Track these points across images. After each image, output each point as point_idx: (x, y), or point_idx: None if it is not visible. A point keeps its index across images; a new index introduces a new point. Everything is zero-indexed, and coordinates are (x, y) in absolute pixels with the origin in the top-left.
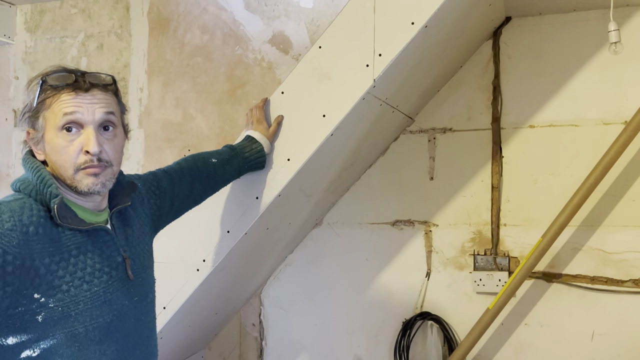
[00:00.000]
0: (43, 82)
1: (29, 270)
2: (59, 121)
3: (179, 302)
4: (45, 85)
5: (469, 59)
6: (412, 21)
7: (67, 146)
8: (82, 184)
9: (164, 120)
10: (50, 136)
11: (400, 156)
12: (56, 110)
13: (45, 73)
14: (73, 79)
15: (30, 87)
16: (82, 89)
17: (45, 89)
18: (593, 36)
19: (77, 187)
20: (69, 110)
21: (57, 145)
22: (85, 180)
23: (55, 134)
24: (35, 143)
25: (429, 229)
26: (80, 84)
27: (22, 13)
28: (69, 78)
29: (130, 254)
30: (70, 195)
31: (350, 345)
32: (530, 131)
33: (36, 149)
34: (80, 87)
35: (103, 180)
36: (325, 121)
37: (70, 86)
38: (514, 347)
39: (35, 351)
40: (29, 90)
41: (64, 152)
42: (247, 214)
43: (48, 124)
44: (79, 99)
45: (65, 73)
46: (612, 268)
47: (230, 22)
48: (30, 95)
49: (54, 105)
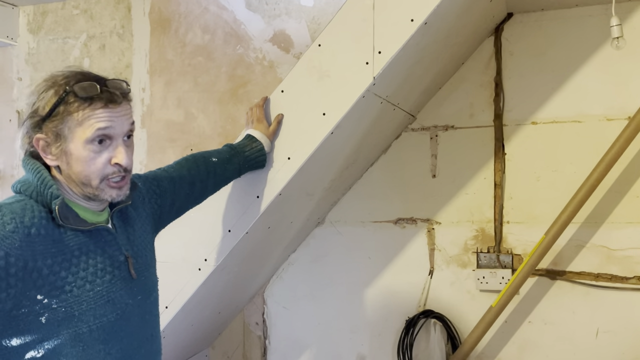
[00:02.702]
0: (68, 92)
1: (32, 272)
2: (91, 135)
3: (181, 301)
4: (70, 96)
5: (471, 56)
6: (411, 18)
7: (95, 158)
8: (105, 194)
9: (166, 120)
10: (76, 147)
11: (402, 154)
12: (87, 124)
13: (66, 81)
14: (99, 90)
15: (48, 89)
16: (114, 102)
17: (70, 100)
18: (596, 32)
19: (99, 196)
20: (102, 125)
21: (85, 156)
22: (110, 192)
23: (84, 146)
24: (46, 150)
25: (432, 226)
26: (111, 97)
27: (25, 14)
28: (95, 89)
29: (132, 253)
30: (73, 197)
31: (353, 344)
32: (533, 128)
33: (46, 155)
34: (111, 100)
35: (125, 190)
36: (326, 119)
37: (100, 99)
38: (517, 344)
39: (39, 352)
40: (43, 92)
41: (92, 163)
42: (248, 213)
43: (75, 135)
44: (110, 113)
45: (91, 82)
46: (616, 265)
47: (231, 21)
48: (46, 98)
49: (85, 118)
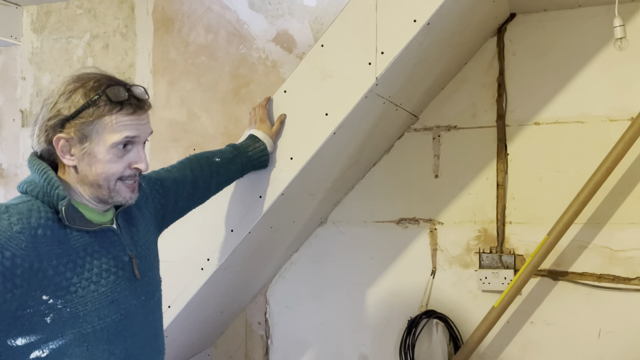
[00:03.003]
0: (100, 96)
1: (37, 273)
2: (119, 140)
3: (183, 300)
4: (102, 100)
5: (473, 56)
6: (414, 19)
7: (117, 161)
8: (119, 196)
9: (169, 120)
10: (101, 151)
11: (405, 154)
12: (116, 129)
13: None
14: (126, 95)
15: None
16: (142, 109)
17: (101, 104)
18: (599, 32)
19: (113, 197)
20: (131, 134)
21: (108, 159)
22: (124, 194)
23: (108, 150)
24: (66, 150)
25: (434, 227)
26: (140, 104)
27: (29, 14)
28: (124, 94)
29: (136, 254)
30: (79, 198)
31: (355, 344)
32: (536, 128)
33: (64, 155)
34: (139, 106)
35: (137, 193)
36: (328, 120)
37: (130, 105)
38: (519, 345)
39: (44, 352)
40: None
41: (114, 166)
42: (251, 213)
43: (102, 139)
44: (138, 120)
45: (120, 87)
46: (619, 266)
47: (234, 21)
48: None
49: (115, 124)
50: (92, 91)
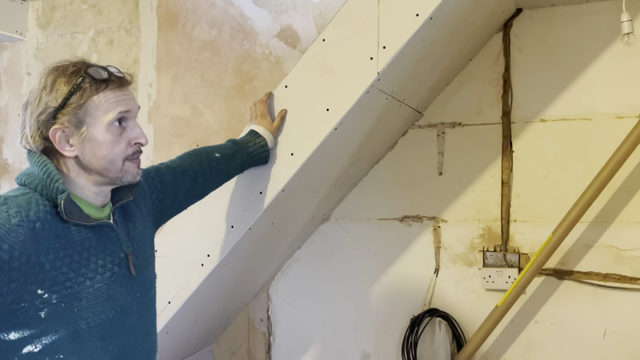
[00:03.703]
0: (83, 77)
1: (34, 266)
2: (113, 117)
3: (183, 296)
4: (85, 81)
5: (479, 52)
6: (416, 13)
7: (117, 140)
8: (129, 174)
9: (173, 116)
10: (99, 132)
11: (409, 151)
12: (108, 107)
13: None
14: (107, 74)
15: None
16: (125, 84)
17: (86, 86)
18: (606, 27)
19: (123, 177)
20: (123, 108)
21: (109, 140)
22: (133, 170)
23: (106, 129)
24: (64, 140)
25: (438, 224)
26: (121, 80)
27: (34, 9)
28: (105, 72)
29: (132, 250)
30: (79, 191)
31: (358, 342)
32: (542, 125)
33: (63, 146)
34: (122, 82)
35: (140, 170)
36: (329, 115)
37: (113, 82)
38: (523, 345)
39: (37, 347)
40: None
41: (116, 145)
42: (251, 209)
43: (97, 120)
44: (125, 95)
45: (99, 67)
46: (625, 265)
47: (238, 16)
48: (57, 90)
49: (105, 103)
50: (74, 76)
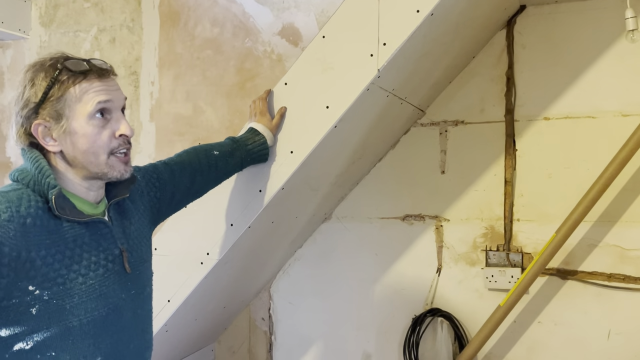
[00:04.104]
0: (60, 70)
1: (25, 262)
2: (92, 109)
3: (183, 295)
4: (63, 73)
5: (482, 50)
6: (417, 9)
7: (100, 132)
8: (114, 170)
9: (175, 114)
10: (80, 125)
11: (411, 149)
12: (87, 98)
13: (54, 61)
14: (87, 66)
15: (36, 75)
16: (105, 74)
17: (63, 78)
18: (611, 24)
19: (107, 173)
20: (103, 98)
21: (90, 132)
22: (118, 167)
23: (86, 122)
24: (47, 135)
25: (440, 223)
26: (102, 71)
27: (37, 8)
28: (84, 64)
29: (127, 247)
30: (72, 187)
31: (359, 341)
32: (545, 123)
33: (46, 141)
34: (102, 73)
35: (130, 167)
36: (329, 113)
37: (92, 72)
38: (526, 345)
39: (28, 344)
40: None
41: (98, 138)
42: (251, 207)
43: (77, 112)
44: (106, 86)
45: (79, 59)
46: (629, 265)
47: (240, 14)
48: (37, 84)
49: (83, 94)
50: (51, 69)
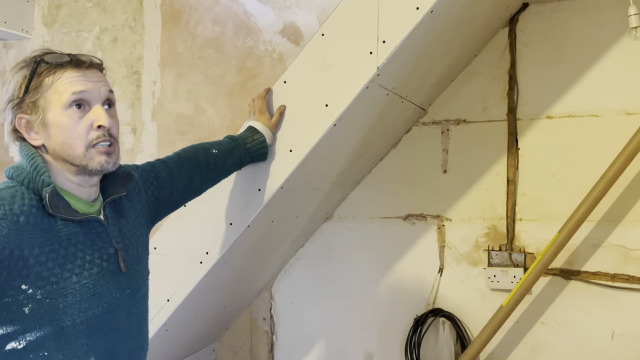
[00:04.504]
0: (38, 62)
1: (18, 261)
2: (67, 99)
3: (182, 294)
4: (42, 65)
5: (484, 48)
6: (417, 6)
7: (75, 123)
8: (94, 162)
9: (176, 113)
10: (55, 116)
11: (413, 149)
12: (62, 88)
13: (34, 56)
14: (68, 59)
15: (19, 70)
16: (84, 66)
17: (41, 71)
18: (614, 22)
19: (87, 165)
20: (78, 88)
21: (65, 123)
22: (98, 158)
23: (62, 112)
24: (29, 128)
25: (442, 223)
26: (80, 62)
27: (40, 7)
28: (64, 57)
29: (123, 246)
30: (66, 184)
31: (360, 341)
32: (548, 122)
33: (30, 135)
34: (79, 64)
35: (115, 159)
36: (328, 111)
37: (70, 64)
38: (529, 346)
39: (20, 343)
40: (16, 74)
41: (74, 129)
42: (250, 206)
43: (52, 103)
44: (83, 77)
45: (60, 53)
46: (633, 265)
47: (241, 13)
48: (19, 80)
49: (57, 83)
50: (32, 63)
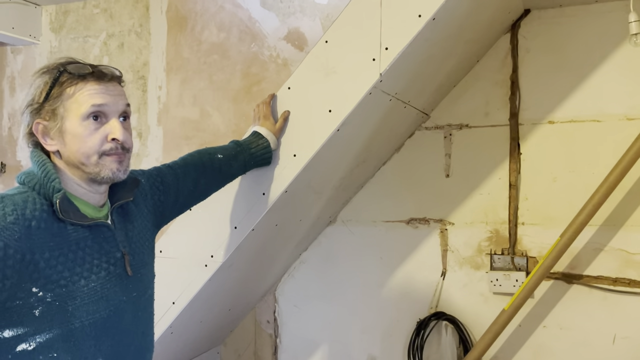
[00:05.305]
0: (62, 71)
1: (29, 264)
2: (86, 110)
3: (188, 297)
4: (64, 75)
5: (486, 53)
6: (419, 14)
7: (91, 134)
8: (106, 169)
9: (182, 118)
10: (72, 125)
11: (416, 153)
12: (82, 99)
13: (58, 64)
14: (90, 70)
15: (42, 77)
16: (105, 79)
17: (63, 80)
18: (616, 28)
19: (100, 172)
20: (97, 101)
21: (81, 133)
22: (111, 165)
23: (79, 122)
24: (45, 134)
25: (445, 227)
26: (103, 75)
27: (47, 14)
28: (87, 68)
29: (129, 250)
30: (75, 189)
31: (364, 345)
32: (550, 127)
33: (45, 140)
34: (102, 77)
35: (125, 166)
36: (331, 116)
37: (92, 76)
38: (532, 349)
39: (31, 345)
40: (38, 79)
41: (89, 139)
42: (254, 210)
43: (70, 113)
44: (103, 90)
45: (83, 64)
46: (635, 269)
47: (246, 19)
48: (41, 85)
49: (78, 94)
50: (55, 71)
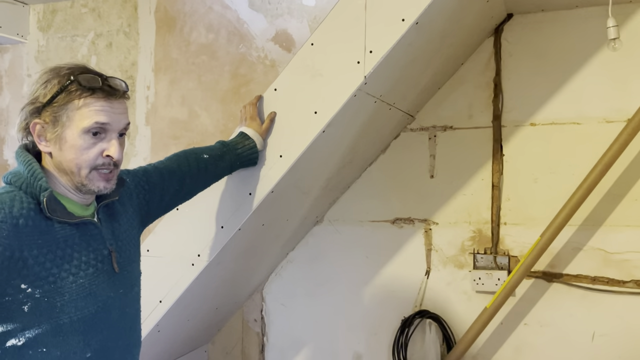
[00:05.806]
0: (72, 81)
1: (18, 261)
2: (88, 125)
3: (174, 296)
4: (73, 85)
5: (470, 57)
6: (402, 18)
7: (89, 148)
8: (93, 184)
9: (170, 118)
10: (72, 135)
11: (401, 154)
12: (87, 114)
13: (70, 71)
14: (100, 83)
15: (51, 79)
16: (113, 96)
17: (72, 89)
18: (596, 33)
19: (87, 185)
20: (101, 119)
21: (79, 145)
22: (98, 182)
23: (79, 134)
24: (41, 135)
25: (429, 227)
26: (112, 91)
27: (35, 12)
28: (97, 81)
29: (116, 247)
30: (62, 189)
31: (350, 342)
32: (532, 129)
33: (40, 141)
34: (111, 93)
35: (112, 184)
36: (317, 118)
37: (102, 91)
38: (513, 347)
39: (20, 340)
40: (47, 82)
41: (85, 153)
42: (241, 210)
43: (73, 123)
44: (109, 108)
45: (94, 75)
46: (613, 268)
47: (234, 20)
48: (48, 87)
49: (84, 108)
50: (65, 77)
